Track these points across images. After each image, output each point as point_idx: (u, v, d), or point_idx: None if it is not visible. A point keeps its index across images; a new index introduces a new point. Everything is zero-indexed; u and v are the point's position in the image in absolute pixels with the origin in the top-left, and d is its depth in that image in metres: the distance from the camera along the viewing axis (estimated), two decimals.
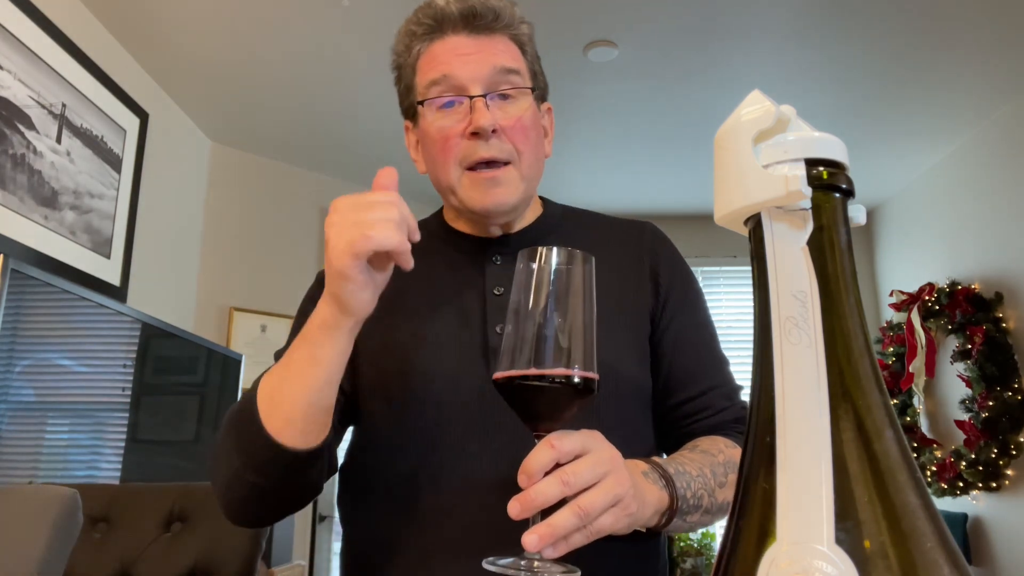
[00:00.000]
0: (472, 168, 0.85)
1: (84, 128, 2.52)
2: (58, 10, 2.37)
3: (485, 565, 0.59)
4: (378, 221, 0.64)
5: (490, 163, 0.85)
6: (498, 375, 0.61)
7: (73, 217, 2.46)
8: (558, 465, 0.60)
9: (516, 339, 0.61)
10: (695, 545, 3.95)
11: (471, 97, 0.84)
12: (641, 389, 0.90)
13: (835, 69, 2.96)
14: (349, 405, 0.90)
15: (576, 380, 0.60)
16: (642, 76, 3.03)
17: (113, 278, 2.69)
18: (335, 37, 2.74)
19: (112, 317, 2.29)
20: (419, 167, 0.93)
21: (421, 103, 0.87)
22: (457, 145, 0.84)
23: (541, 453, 0.59)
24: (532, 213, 0.96)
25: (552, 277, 0.62)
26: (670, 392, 0.91)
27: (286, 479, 0.74)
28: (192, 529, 1.46)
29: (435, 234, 0.96)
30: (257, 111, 3.29)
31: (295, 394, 0.71)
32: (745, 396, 0.94)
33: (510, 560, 0.59)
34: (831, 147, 0.36)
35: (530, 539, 0.57)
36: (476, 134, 0.83)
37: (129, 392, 2.35)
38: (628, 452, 0.72)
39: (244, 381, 3.08)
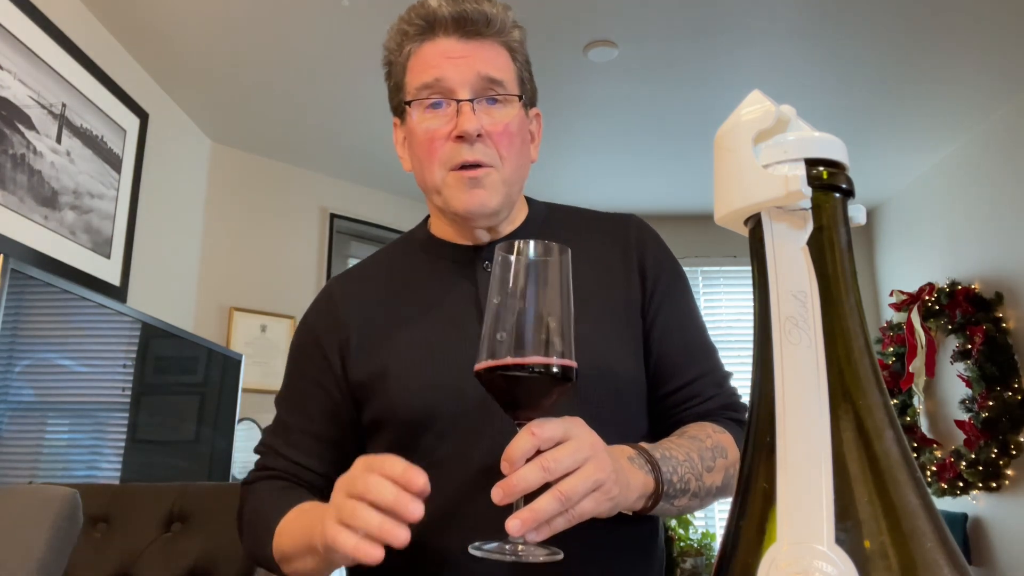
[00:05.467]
0: (455, 169, 0.87)
1: (84, 128, 2.52)
2: (58, 10, 2.37)
3: (471, 550, 0.61)
4: (350, 521, 0.65)
5: (473, 165, 0.87)
6: (479, 366, 0.63)
7: (73, 217, 2.46)
8: (540, 452, 0.62)
9: (495, 330, 0.63)
10: (695, 545, 3.95)
11: (458, 101, 0.86)
12: (636, 383, 0.91)
13: (835, 69, 2.96)
14: (353, 434, 0.95)
15: (555, 369, 0.62)
16: (642, 76, 3.03)
17: (113, 278, 2.69)
18: (335, 37, 2.74)
19: (112, 317, 2.29)
20: (404, 164, 0.95)
21: (409, 103, 0.89)
22: (442, 147, 0.86)
23: (522, 440, 0.61)
24: (519, 216, 0.98)
25: (529, 269, 0.64)
26: (660, 381, 0.93)
27: None
28: (192, 529, 1.46)
29: (423, 247, 0.98)
30: (257, 111, 3.28)
31: (303, 568, 0.80)
32: (735, 383, 0.97)
33: (495, 544, 0.61)
34: (831, 147, 0.36)
35: (513, 524, 0.59)
36: (461, 138, 0.85)
37: (129, 392, 2.35)
38: (623, 444, 0.76)
39: (244, 381, 3.08)
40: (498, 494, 0.61)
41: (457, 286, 0.92)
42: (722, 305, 4.57)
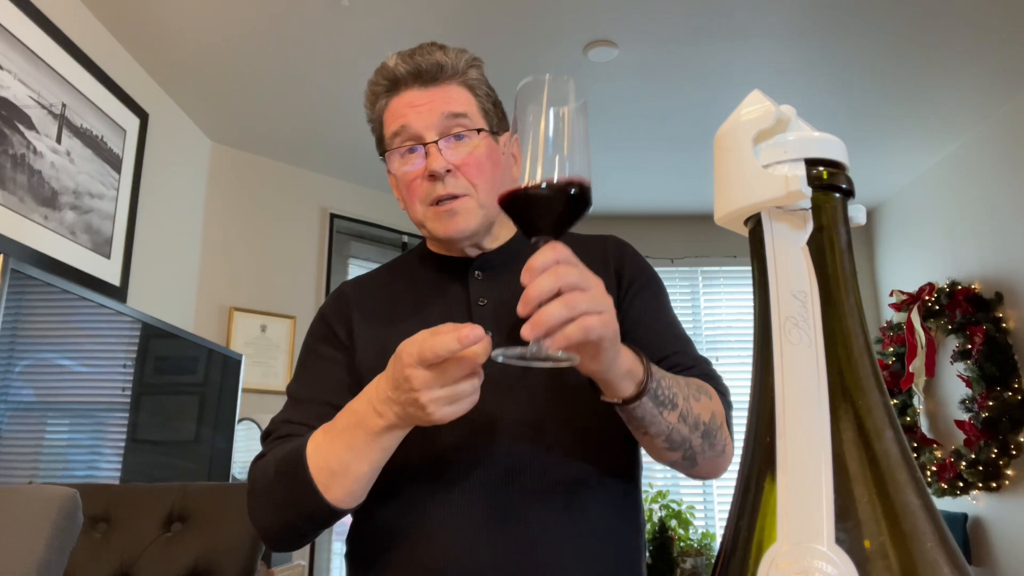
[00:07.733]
0: (435, 203, 0.97)
1: (84, 128, 2.52)
2: (58, 10, 2.37)
3: (494, 355, 0.68)
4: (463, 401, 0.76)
5: (448, 197, 0.96)
6: (501, 193, 0.69)
7: (73, 217, 2.46)
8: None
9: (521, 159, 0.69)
10: (695, 545, 3.95)
11: (425, 144, 0.96)
12: None
13: (835, 69, 2.96)
14: None
15: (572, 190, 0.68)
16: (642, 76, 3.03)
17: (113, 278, 2.69)
18: (335, 37, 2.74)
19: (112, 317, 2.29)
20: (400, 204, 1.05)
21: (386, 152, 1.01)
22: (420, 187, 0.97)
23: (544, 253, 0.68)
24: (505, 233, 1.06)
25: (546, 102, 0.69)
26: None
27: (333, 523, 0.88)
28: (192, 529, 1.46)
29: (420, 260, 1.10)
30: (257, 111, 3.29)
31: (360, 472, 0.82)
32: (731, 382, 1.02)
33: (517, 351, 0.67)
34: (831, 147, 0.36)
35: (526, 329, 0.66)
36: (433, 176, 0.95)
37: (129, 392, 2.35)
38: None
39: (244, 381, 3.08)
40: (520, 307, 0.67)
41: (450, 290, 1.01)
42: (722, 305, 4.56)
